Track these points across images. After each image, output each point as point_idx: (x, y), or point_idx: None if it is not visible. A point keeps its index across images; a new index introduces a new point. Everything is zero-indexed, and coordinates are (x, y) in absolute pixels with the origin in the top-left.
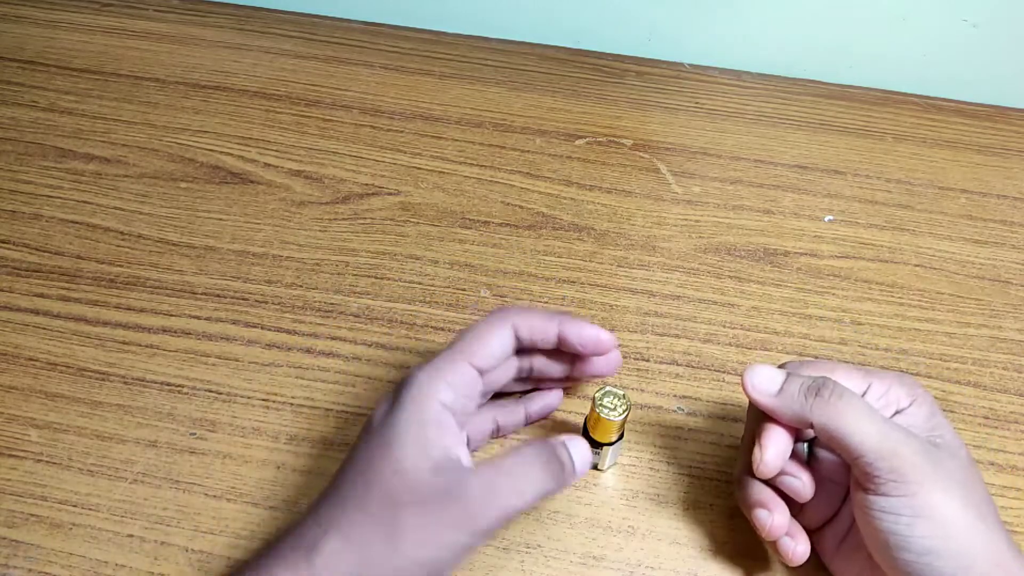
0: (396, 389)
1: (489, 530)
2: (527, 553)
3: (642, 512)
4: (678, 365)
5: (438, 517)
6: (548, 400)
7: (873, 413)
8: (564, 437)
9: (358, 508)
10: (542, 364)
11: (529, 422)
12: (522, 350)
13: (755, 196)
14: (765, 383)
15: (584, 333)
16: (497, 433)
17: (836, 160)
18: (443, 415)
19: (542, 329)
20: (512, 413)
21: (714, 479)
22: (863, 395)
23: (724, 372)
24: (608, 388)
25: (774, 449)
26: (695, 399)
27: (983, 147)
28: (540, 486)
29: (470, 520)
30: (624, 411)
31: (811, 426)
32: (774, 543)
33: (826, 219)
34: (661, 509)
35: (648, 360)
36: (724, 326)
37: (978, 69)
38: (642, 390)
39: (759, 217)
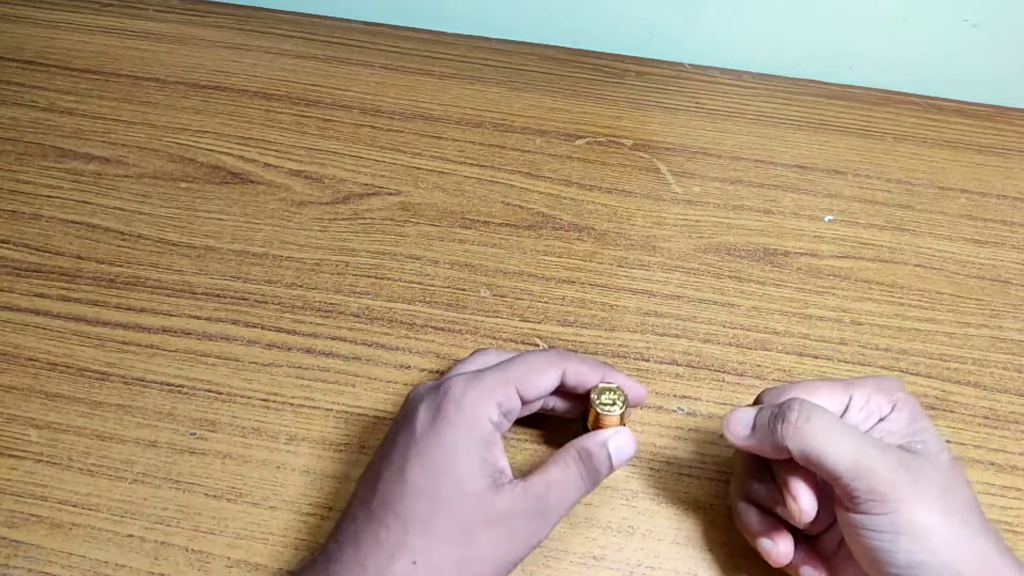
0: (436, 398)
1: (544, 537)
2: None
3: (642, 512)
4: (678, 365)
5: (504, 535)
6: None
7: (845, 431)
8: (608, 434)
9: (424, 532)
10: (556, 401)
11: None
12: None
13: (755, 196)
14: (739, 427)
15: (635, 395)
16: None
17: (836, 160)
18: (494, 435)
19: (588, 378)
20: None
21: (714, 479)
22: (846, 408)
23: (724, 372)
24: (603, 385)
25: (806, 498)
26: (695, 399)
27: (983, 147)
28: (583, 492)
29: (530, 535)
30: (623, 406)
31: (790, 453)
32: (792, 568)
33: (826, 219)
34: (661, 509)
35: (648, 360)
36: (724, 326)
37: (978, 69)
38: None
39: (759, 217)
